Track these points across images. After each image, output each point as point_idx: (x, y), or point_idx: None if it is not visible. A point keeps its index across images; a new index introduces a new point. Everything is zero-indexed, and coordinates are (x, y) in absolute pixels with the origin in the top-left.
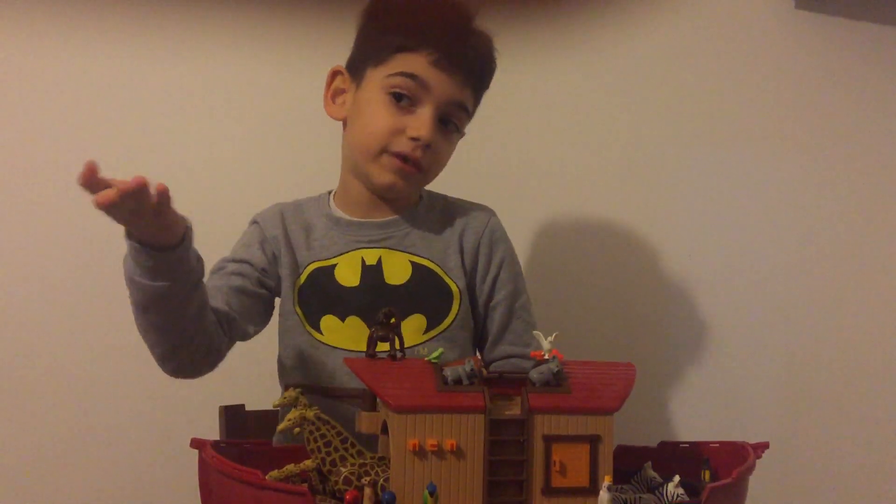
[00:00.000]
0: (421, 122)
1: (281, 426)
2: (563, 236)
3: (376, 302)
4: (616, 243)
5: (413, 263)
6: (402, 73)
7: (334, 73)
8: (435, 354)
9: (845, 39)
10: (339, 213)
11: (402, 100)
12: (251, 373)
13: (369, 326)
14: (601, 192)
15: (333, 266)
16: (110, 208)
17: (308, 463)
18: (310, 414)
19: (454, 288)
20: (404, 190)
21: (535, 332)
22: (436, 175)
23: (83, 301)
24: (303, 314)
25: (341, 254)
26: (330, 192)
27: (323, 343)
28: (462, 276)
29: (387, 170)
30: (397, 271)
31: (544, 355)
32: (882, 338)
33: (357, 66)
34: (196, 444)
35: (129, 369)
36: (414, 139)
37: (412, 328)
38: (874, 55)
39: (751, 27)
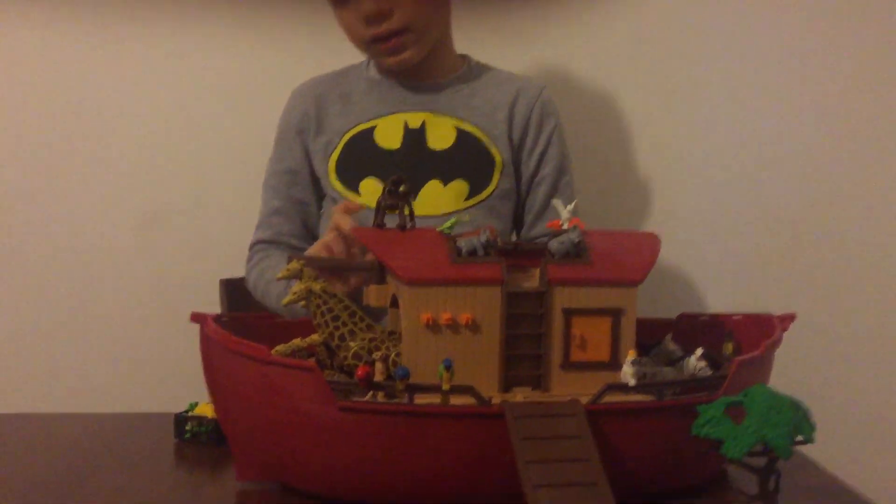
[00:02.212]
0: (361, 2)
1: (286, 300)
2: (570, 108)
3: (418, 165)
4: (631, 119)
5: (458, 129)
6: None
7: None
8: (447, 224)
9: None
10: (379, 76)
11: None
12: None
13: (411, 190)
14: (626, 66)
15: (373, 128)
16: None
17: (315, 337)
18: (316, 286)
19: (498, 157)
20: (411, 58)
21: (553, 200)
22: (431, 19)
23: (83, 178)
24: (341, 183)
25: (381, 116)
26: (368, 61)
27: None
28: (508, 146)
29: (380, 54)
30: (441, 136)
31: (562, 225)
32: None
33: None
34: (197, 317)
35: (123, 243)
36: (367, 18)
37: (453, 193)
38: None
39: None
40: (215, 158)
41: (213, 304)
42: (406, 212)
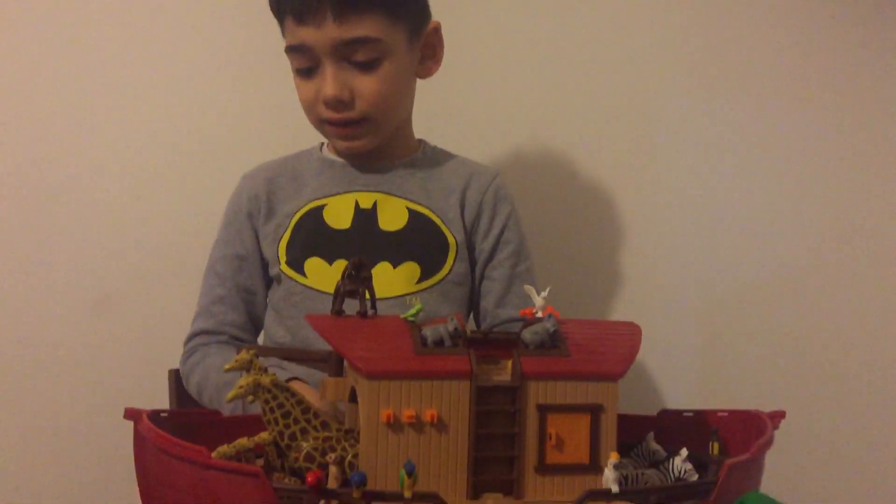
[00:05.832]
0: (323, 82)
1: (231, 394)
2: (549, 191)
3: (368, 247)
4: (608, 198)
5: (410, 210)
6: (288, 48)
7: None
8: (412, 311)
9: None
10: (332, 156)
11: (307, 71)
12: None
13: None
14: (587, 145)
15: (322, 207)
16: None
17: (264, 436)
18: (265, 380)
19: (451, 239)
20: (364, 146)
21: (526, 287)
22: (392, 111)
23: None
24: (288, 266)
25: (332, 195)
26: (322, 143)
27: (308, 287)
28: (461, 229)
29: (333, 137)
30: (393, 217)
31: (536, 313)
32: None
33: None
34: (130, 414)
35: (61, 326)
36: (326, 103)
37: (405, 277)
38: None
39: None
40: (165, 241)
41: (162, 397)
42: (367, 297)
